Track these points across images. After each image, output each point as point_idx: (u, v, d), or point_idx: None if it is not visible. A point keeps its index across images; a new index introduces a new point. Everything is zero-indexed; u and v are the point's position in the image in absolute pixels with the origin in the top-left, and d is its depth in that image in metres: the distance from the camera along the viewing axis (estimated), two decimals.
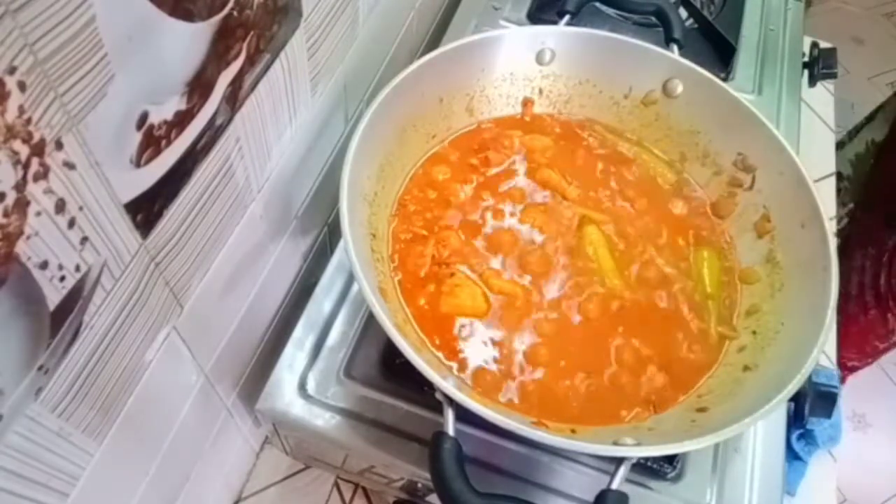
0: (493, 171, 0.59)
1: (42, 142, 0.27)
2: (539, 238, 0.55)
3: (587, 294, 0.53)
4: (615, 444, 0.42)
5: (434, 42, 0.84)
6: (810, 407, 0.58)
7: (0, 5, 0.23)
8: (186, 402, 0.49)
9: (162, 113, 0.34)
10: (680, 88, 0.59)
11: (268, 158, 0.49)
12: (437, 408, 0.41)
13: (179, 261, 0.41)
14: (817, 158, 0.88)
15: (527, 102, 0.62)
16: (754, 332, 0.51)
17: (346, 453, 0.56)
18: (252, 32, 0.40)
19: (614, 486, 0.39)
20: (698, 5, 0.79)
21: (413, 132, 0.57)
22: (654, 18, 0.67)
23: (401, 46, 0.73)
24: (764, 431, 0.55)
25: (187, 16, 0.33)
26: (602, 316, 0.52)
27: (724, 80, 0.72)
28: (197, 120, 0.38)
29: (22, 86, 0.25)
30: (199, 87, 0.37)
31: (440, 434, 0.40)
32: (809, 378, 0.48)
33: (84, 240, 0.32)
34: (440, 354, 0.49)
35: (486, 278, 0.52)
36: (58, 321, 0.31)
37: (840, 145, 1.12)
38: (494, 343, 0.50)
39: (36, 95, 0.26)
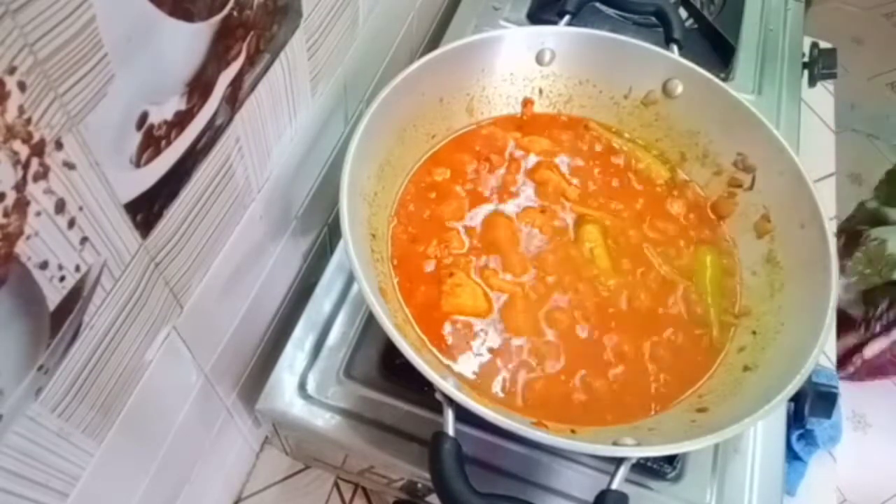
0: (493, 171, 0.59)
1: (42, 142, 0.27)
2: (539, 238, 0.55)
3: (587, 294, 0.53)
4: (615, 444, 0.42)
5: (434, 42, 0.84)
6: (810, 407, 0.58)
7: (0, 5, 0.23)
8: (186, 402, 0.49)
9: (162, 113, 0.34)
10: (680, 88, 0.59)
11: (268, 158, 0.49)
12: (437, 408, 0.41)
13: (179, 261, 0.41)
14: (817, 158, 0.88)
15: (527, 102, 0.62)
16: (754, 332, 0.51)
17: (346, 453, 0.56)
18: (252, 32, 0.40)
19: (614, 486, 0.39)
20: (698, 5, 0.79)
21: (413, 132, 0.57)
22: (654, 18, 0.67)
23: (401, 46, 0.73)
24: (764, 431, 0.55)
25: (187, 16, 0.33)
26: (602, 315, 0.52)
27: (724, 80, 0.72)
28: (197, 120, 0.38)
29: (22, 86, 0.25)
30: (198, 87, 0.37)
31: (440, 434, 0.40)
32: (809, 378, 0.48)
33: (84, 240, 0.32)
34: (440, 354, 0.49)
35: (487, 278, 0.52)
36: (58, 321, 0.31)
37: None
38: (494, 343, 0.50)
39: (36, 95, 0.26)
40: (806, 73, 0.83)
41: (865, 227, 1.07)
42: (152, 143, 0.34)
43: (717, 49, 0.77)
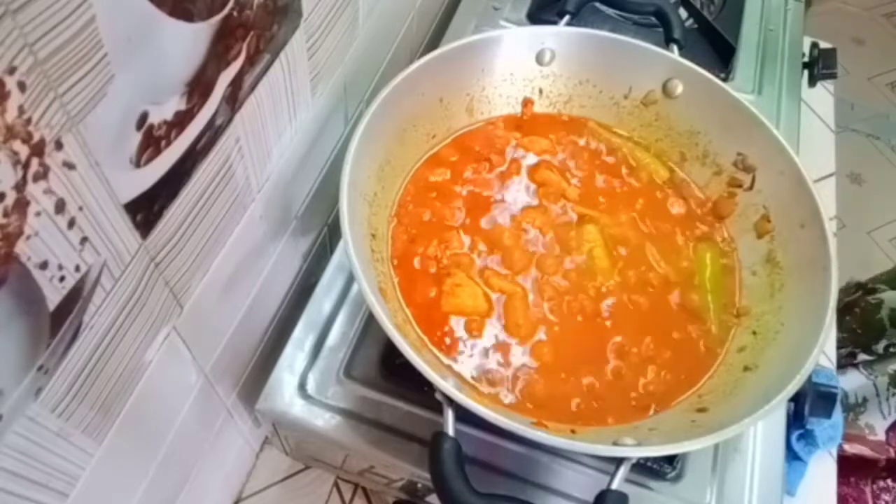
0: (493, 171, 0.59)
1: (42, 142, 0.27)
2: (539, 238, 0.55)
3: (587, 294, 0.53)
4: (615, 444, 0.42)
5: (434, 42, 0.84)
6: (810, 407, 0.58)
7: (0, 5, 0.23)
8: (186, 402, 0.49)
9: (162, 113, 0.34)
10: (680, 88, 0.59)
11: (268, 158, 0.49)
12: (437, 408, 0.41)
13: (179, 261, 0.41)
14: (817, 158, 0.88)
15: (527, 102, 0.62)
16: (754, 332, 0.51)
17: (346, 453, 0.56)
18: (252, 32, 0.40)
19: (614, 486, 0.39)
20: (698, 5, 0.79)
21: (413, 132, 0.57)
22: (654, 18, 0.67)
23: (401, 46, 0.73)
24: (764, 431, 0.55)
25: (187, 16, 0.33)
26: (602, 316, 0.52)
27: (724, 80, 0.72)
28: (197, 120, 0.38)
29: (22, 86, 0.25)
30: (198, 87, 0.37)
31: (440, 434, 0.40)
32: (809, 378, 0.48)
33: (84, 240, 0.32)
34: (440, 354, 0.49)
35: (487, 278, 0.52)
36: (58, 321, 0.31)
37: None
38: (494, 343, 0.50)
39: (36, 95, 0.26)
40: (806, 73, 0.83)
41: (882, 287, 1.03)
42: (152, 143, 0.34)
43: (717, 49, 0.77)
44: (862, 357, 0.94)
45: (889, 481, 0.90)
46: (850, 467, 0.88)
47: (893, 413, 0.89)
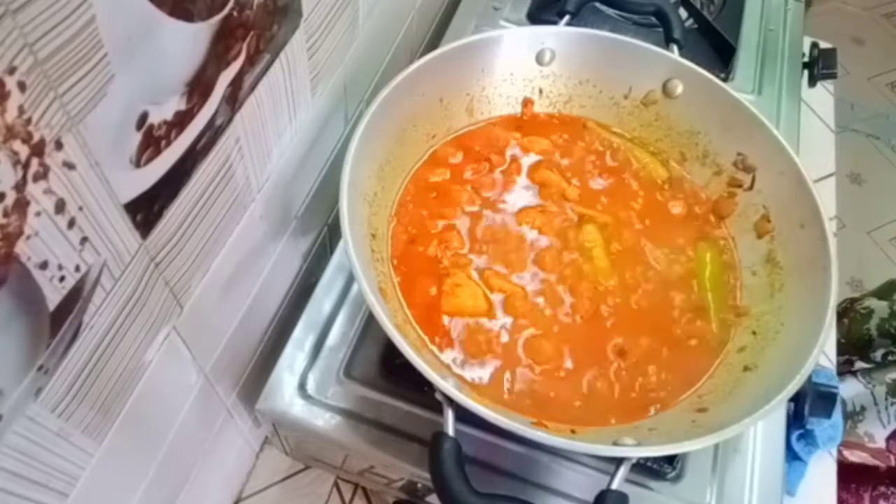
0: (493, 171, 0.59)
1: (42, 142, 0.27)
2: (538, 238, 0.55)
3: (587, 294, 0.53)
4: (615, 444, 0.42)
5: (434, 42, 0.84)
6: (810, 407, 0.58)
7: (0, 5, 0.23)
8: (186, 402, 0.49)
9: (162, 113, 0.34)
10: (680, 89, 0.59)
11: (268, 158, 0.49)
12: (437, 408, 0.41)
13: (179, 261, 0.41)
14: (817, 158, 0.88)
15: (527, 102, 0.62)
16: (754, 332, 0.51)
17: (346, 453, 0.56)
18: (252, 32, 0.40)
19: (614, 486, 0.39)
20: (698, 5, 0.79)
21: (413, 132, 0.57)
22: (654, 18, 0.67)
23: (401, 46, 0.73)
24: (764, 431, 0.55)
25: (187, 16, 0.33)
26: (602, 316, 0.52)
27: (724, 80, 0.72)
28: (197, 120, 0.38)
29: (22, 86, 0.25)
30: (198, 87, 0.37)
31: (440, 434, 0.40)
32: (809, 378, 0.48)
33: (84, 240, 0.32)
34: (440, 354, 0.49)
35: (487, 278, 0.52)
36: (58, 321, 0.31)
37: None
38: (494, 343, 0.50)
39: (36, 95, 0.26)
40: (806, 73, 0.83)
41: (871, 297, 1.01)
42: (152, 143, 0.34)
43: (717, 49, 0.77)
44: (859, 365, 0.94)
45: (891, 488, 0.89)
46: (851, 472, 0.88)
47: (893, 422, 0.88)
